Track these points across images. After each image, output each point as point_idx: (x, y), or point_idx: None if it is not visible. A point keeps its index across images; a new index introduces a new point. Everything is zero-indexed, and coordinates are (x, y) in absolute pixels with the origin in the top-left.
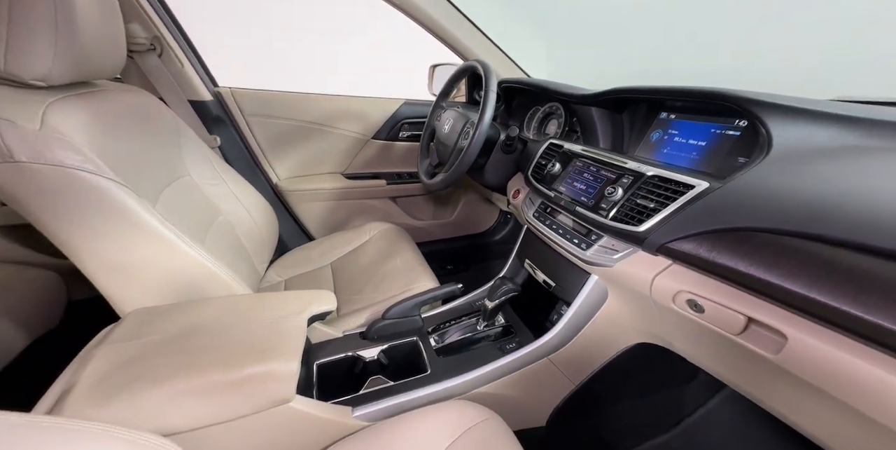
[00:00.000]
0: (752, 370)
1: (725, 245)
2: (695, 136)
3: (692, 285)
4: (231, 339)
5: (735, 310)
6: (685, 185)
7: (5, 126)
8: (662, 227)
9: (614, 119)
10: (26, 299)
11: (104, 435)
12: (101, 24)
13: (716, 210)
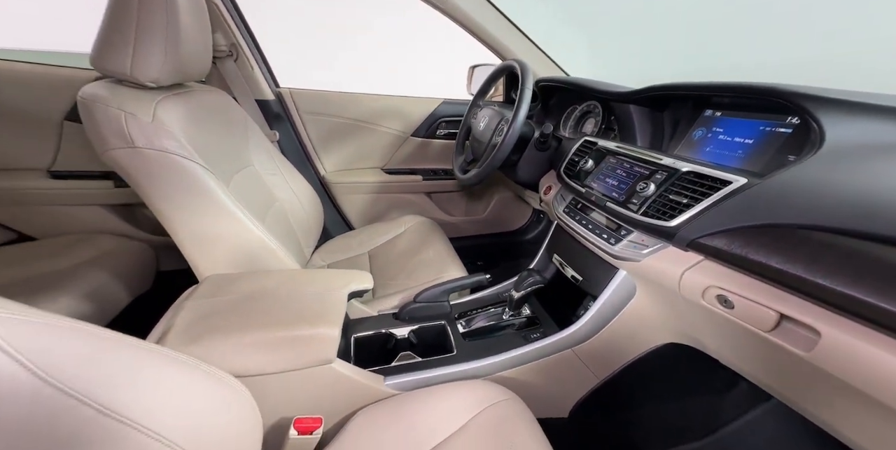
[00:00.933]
0: (783, 369)
1: (759, 241)
2: (741, 133)
3: (722, 281)
4: (285, 305)
5: (766, 306)
6: (721, 181)
7: (129, 118)
8: (694, 222)
9: (654, 117)
10: (129, 266)
11: (193, 365)
12: (196, 36)
13: (752, 206)
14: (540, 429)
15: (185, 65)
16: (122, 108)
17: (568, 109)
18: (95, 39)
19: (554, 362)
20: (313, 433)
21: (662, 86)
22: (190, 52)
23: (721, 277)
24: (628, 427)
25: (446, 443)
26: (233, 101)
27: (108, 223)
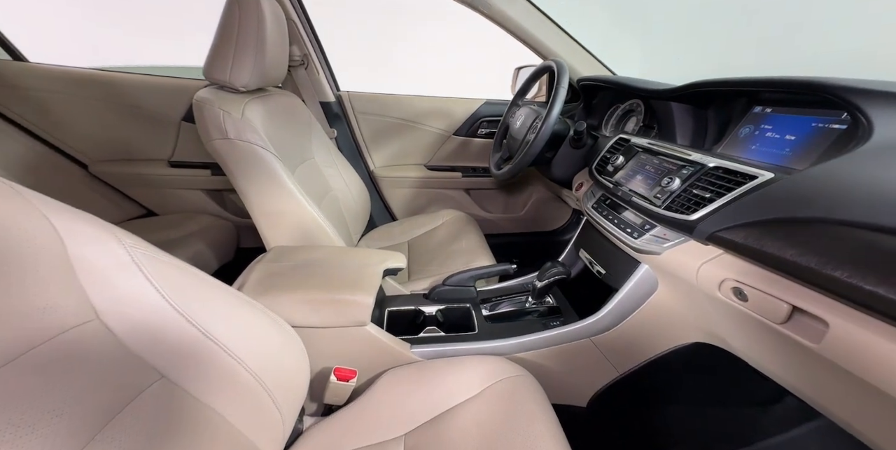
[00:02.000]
0: (797, 363)
1: (776, 234)
2: (791, 130)
3: (738, 274)
4: (332, 273)
5: (779, 298)
6: (747, 175)
7: (226, 116)
8: (714, 216)
9: (697, 115)
10: (218, 240)
11: (262, 310)
12: (277, 49)
13: (773, 201)
14: (549, 404)
15: (268, 73)
16: (221, 108)
17: (611, 108)
18: (207, 55)
19: (572, 349)
20: (349, 381)
21: (702, 82)
22: (271, 63)
23: (737, 270)
24: (651, 425)
25: (461, 406)
26: (301, 103)
27: (206, 205)
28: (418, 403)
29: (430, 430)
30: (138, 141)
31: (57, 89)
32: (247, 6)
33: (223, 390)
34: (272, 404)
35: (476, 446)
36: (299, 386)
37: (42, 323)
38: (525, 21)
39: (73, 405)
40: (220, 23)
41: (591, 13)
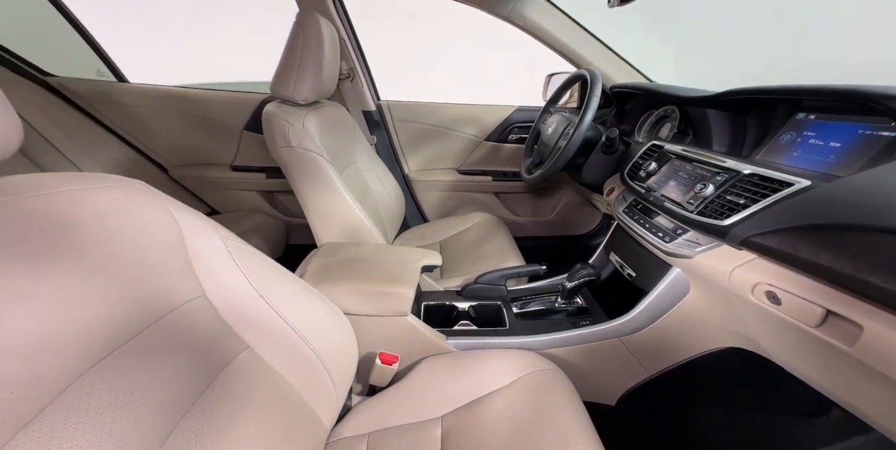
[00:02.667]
0: (831, 366)
1: (811, 240)
2: (836, 137)
3: (771, 278)
4: (377, 268)
5: (813, 302)
6: (783, 182)
7: (289, 126)
8: (749, 221)
9: (734, 121)
10: (271, 237)
11: (320, 297)
12: (331, 66)
13: (811, 207)
14: (579, 399)
15: (323, 88)
16: (286, 120)
17: (644, 114)
18: (274, 74)
19: (601, 348)
20: (392, 365)
21: (743, 89)
22: (326, 79)
23: (771, 274)
24: (683, 428)
25: (494, 394)
26: (347, 112)
27: (260, 205)
28: (454, 388)
29: (465, 413)
30: (207, 148)
31: (148, 104)
32: (310, 30)
33: (291, 362)
34: (328, 378)
35: (509, 431)
36: (350, 365)
37: (169, 297)
38: (558, 31)
39: (189, 363)
40: (287, 46)
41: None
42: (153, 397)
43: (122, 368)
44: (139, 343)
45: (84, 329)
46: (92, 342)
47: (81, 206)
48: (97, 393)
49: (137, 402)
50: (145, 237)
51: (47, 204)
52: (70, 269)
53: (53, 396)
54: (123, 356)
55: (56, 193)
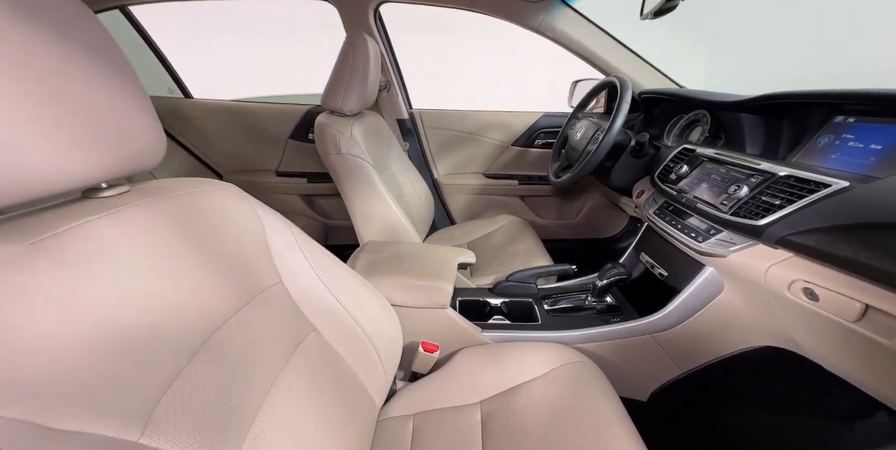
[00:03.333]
0: (871, 360)
1: (849, 238)
2: (877, 140)
3: (808, 275)
4: (417, 264)
5: (852, 297)
6: (821, 184)
7: (339, 135)
8: (785, 221)
9: (768, 125)
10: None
11: (372, 289)
12: (374, 79)
13: (850, 207)
14: (613, 390)
15: (366, 99)
16: (336, 129)
17: (673, 119)
18: (325, 88)
19: (633, 344)
20: (433, 353)
21: (778, 94)
22: (369, 91)
23: (807, 271)
24: (717, 426)
25: (530, 383)
26: (383, 121)
27: (301, 208)
28: (491, 377)
29: (502, 400)
30: (256, 155)
31: (208, 117)
32: (359, 50)
33: (348, 344)
34: (379, 361)
35: (546, 417)
36: (396, 350)
37: (256, 283)
38: (587, 40)
39: (273, 342)
40: (337, 63)
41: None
42: (253, 364)
43: (229, 340)
44: (238, 321)
45: (204, 302)
46: (210, 312)
47: (198, 205)
48: (221, 354)
49: (246, 365)
50: (239, 231)
51: (177, 203)
52: (195, 254)
53: (195, 350)
54: (229, 330)
55: (181, 195)
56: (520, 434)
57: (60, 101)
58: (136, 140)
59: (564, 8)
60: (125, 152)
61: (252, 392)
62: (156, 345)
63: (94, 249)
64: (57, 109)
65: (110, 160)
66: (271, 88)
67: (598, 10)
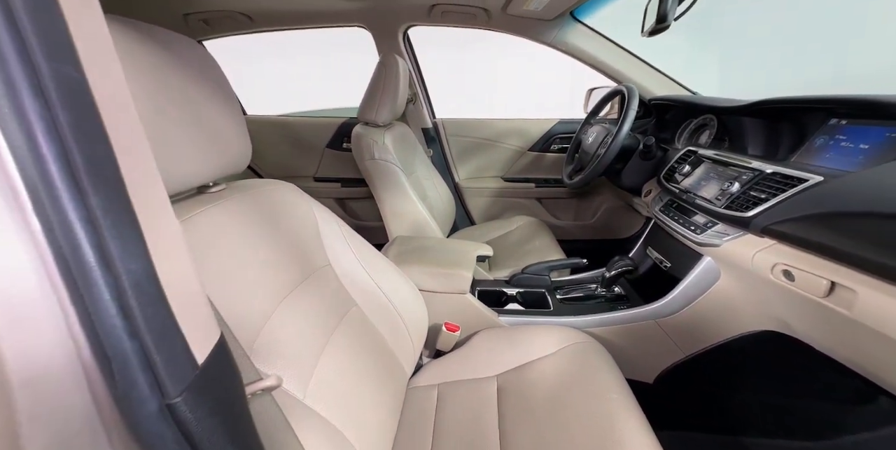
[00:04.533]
0: (841, 332)
1: (820, 225)
2: (865, 140)
3: (786, 258)
4: (441, 255)
5: (820, 276)
6: (799, 179)
7: (373, 143)
8: (768, 212)
9: (769, 128)
10: None
11: (400, 272)
12: (403, 93)
13: (821, 198)
14: (616, 366)
15: (396, 112)
16: (371, 138)
17: (683, 123)
18: (361, 102)
19: (638, 329)
20: (455, 333)
21: (776, 99)
22: (398, 105)
23: (786, 255)
24: (721, 407)
25: (541, 360)
26: (410, 130)
27: (335, 210)
28: (506, 354)
29: (516, 374)
30: (297, 163)
31: (259, 130)
32: (391, 69)
33: (383, 319)
34: (408, 335)
35: (553, 389)
36: (422, 327)
37: (312, 263)
38: (598, 52)
39: (327, 312)
40: (372, 80)
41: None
42: (310, 327)
43: (296, 305)
44: (301, 291)
45: (276, 272)
46: (282, 282)
47: (272, 198)
48: (290, 315)
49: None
50: (299, 221)
51: (257, 198)
52: (271, 235)
53: (272, 310)
54: (295, 297)
55: (259, 192)
56: (531, 402)
57: (191, 120)
58: (233, 149)
59: (576, 24)
60: (226, 159)
61: (312, 345)
62: (249, 300)
63: (211, 229)
64: (189, 129)
65: (217, 165)
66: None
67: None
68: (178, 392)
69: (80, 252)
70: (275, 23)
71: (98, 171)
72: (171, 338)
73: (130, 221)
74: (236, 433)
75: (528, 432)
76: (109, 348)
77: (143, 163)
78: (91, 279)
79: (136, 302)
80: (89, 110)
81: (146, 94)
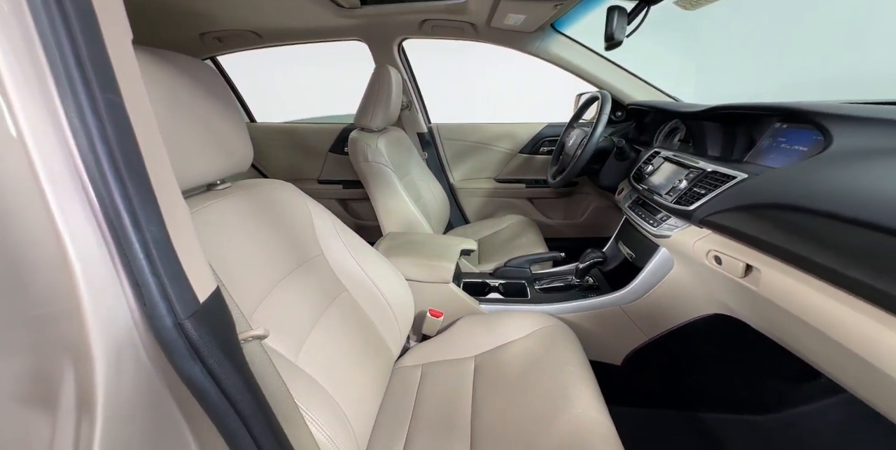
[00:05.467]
0: (761, 308)
1: (738, 216)
2: (799, 142)
3: (716, 245)
4: (427, 248)
5: (738, 259)
6: (730, 176)
7: (367, 146)
8: (705, 206)
9: (725, 131)
10: None
11: (388, 263)
12: (397, 101)
13: (742, 193)
14: (579, 344)
15: (390, 118)
16: (365, 142)
17: (660, 127)
18: (357, 109)
19: (606, 314)
20: (438, 318)
21: (724, 105)
22: (392, 111)
23: (716, 242)
24: (680, 385)
25: (515, 341)
26: (405, 135)
27: (337, 210)
28: (485, 337)
29: (492, 354)
30: (302, 166)
31: (267, 137)
32: (383, 79)
33: (371, 304)
34: (395, 319)
35: (521, 366)
36: (409, 313)
37: (306, 252)
38: (579, 60)
39: (318, 294)
40: (367, 89)
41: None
42: (303, 307)
43: (291, 287)
44: (295, 276)
45: (273, 259)
46: (278, 268)
47: (272, 196)
48: (285, 295)
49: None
50: (295, 215)
51: (258, 195)
52: (269, 227)
53: (269, 290)
54: (290, 281)
55: (260, 190)
56: (501, 378)
57: (202, 130)
58: (237, 152)
59: (557, 35)
60: (231, 161)
61: (304, 320)
62: (248, 279)
63: (217, 220)
64: (199, 136)
65: (223, 166)
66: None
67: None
68: (185, 316)
69: (121, 219)
70: (281, 38)
71: (131, 165)
72: (179, 279)
73: (151, 199)
74: (232, 358)
75: (496, 401)
76: (141, 282)
77: (161, 160)
78: (127, 236)
79: (155, 252)
80: (126, 124)
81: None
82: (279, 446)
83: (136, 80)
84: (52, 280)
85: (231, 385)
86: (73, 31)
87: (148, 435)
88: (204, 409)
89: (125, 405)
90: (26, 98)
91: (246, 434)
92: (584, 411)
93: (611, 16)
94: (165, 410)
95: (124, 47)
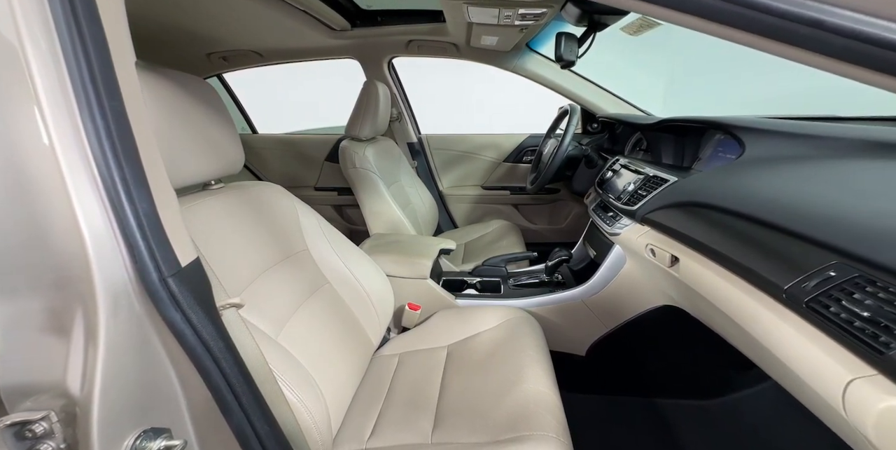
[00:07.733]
0: (687, 294)
1: (667, 213)
2: (731, 151)
3: (652, 240)
4: (407, 247)
5: (666, 250)
6: (665, 179)
7: (355, 154)
8: (645, 205)
9: (676, 141)
10: None
11: (370, 260)
12: (384, 112)
13: (671, 193)
14: (541, 333)
15: (378, 128)
16: (353, 150)
17: (629, 137)
18: (348, 120)
19: (569, 308)
20: (416, 312)
21: (669, 119)
22: (381, 122)
23: (652, 237)
24: (638, 374)
25: (484, 332)
26: (395, 144)
27: (332, 216)
28: (458, 328)
29: (463, 343)
30: (300, 173)
31: (268, 147)
32: (371, 93)
33: (352, 297)
34: (375, 312)
35: (486, 353)
36: (388, 306)
37: (292, 247)
38: (553, 77)
39: (300, 285)
40: (357, 102)
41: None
42: (285, 294)
43: (275, 277)
44: (280, 268)
45: (259, 250)
46: (263, 259)
47: (261, 196)
48: (269, 283)
49: (282, 293)
50: (282, 214)
51: (248, 195)
52: (256, 223)
53: (254, 278)
54: (274, 271)
55: (250, 190)
56: (468, 363)
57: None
58: (228, 155)
59: (532, 53)
60: (223, 162)
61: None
62: (235, 268)
63: (209, 215)
64: (193, 141)
65: (216, 167)
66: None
67: None
68: (169, 274)
69: (119, 197)
70: (281, 57)
71: (129, 157)
72: (164, 245)
73: (144, 183)
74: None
75: (461, 382)
76: (133, 243)
77: (153, 154)
78: (124, 210)
79: (145, 223)
80: (126, 126)
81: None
82: (248, 387)
83: (136, 92)
84: (69, 242)
85: (205, 332)
86: (90, 56)
87: (139, 367)
88: (183, 349)
89: (121, 339)
90: (54, 107)
91: (218, 373)
92: (534, 386)
93: (559, 40)
94: (153, 350)
95: (128, 67)
